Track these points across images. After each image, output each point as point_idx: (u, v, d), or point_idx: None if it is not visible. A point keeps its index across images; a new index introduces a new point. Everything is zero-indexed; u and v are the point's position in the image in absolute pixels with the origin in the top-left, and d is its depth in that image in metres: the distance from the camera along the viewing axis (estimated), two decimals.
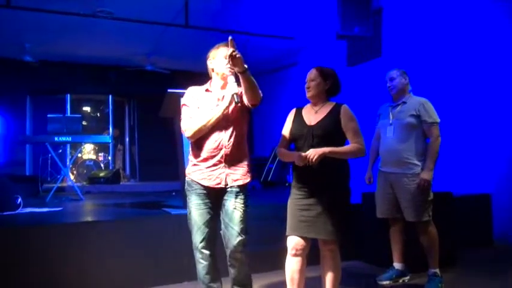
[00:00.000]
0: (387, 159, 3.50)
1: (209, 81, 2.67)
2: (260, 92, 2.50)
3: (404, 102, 3.49)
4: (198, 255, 2.56)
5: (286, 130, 2.78)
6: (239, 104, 2.48)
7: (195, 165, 2.59)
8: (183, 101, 2.64)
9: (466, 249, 4.34)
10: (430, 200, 3.36)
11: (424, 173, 3.30)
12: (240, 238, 2.49)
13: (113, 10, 6.73)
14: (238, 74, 2.39)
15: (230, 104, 2.49)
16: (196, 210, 2.55)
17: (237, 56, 2.30)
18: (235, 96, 2.42)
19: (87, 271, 3.28)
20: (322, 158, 2.48)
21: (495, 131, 4.99)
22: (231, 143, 2.53)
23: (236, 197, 2.53)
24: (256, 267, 2.64)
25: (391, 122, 3.49)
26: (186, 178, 2.63)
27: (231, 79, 2.47)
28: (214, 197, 2.56)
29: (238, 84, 2.46)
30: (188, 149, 3.60)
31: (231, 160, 2.54)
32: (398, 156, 3.40)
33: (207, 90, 2.64)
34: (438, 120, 3.38)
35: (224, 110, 2.50)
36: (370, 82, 6.65)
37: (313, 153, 2.47)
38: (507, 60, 4.90)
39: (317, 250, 2.67)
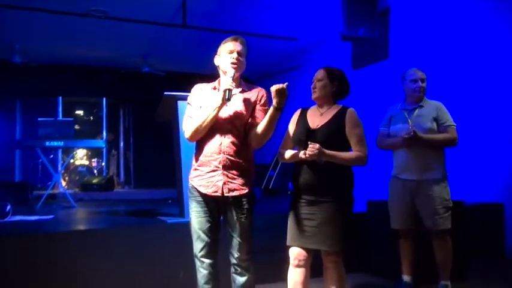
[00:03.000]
0: (407, 165, 3.47)
1: (218, 79, 2.65)
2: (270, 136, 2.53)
3: (421, 106, 3.50)
4: (198, 264, 2.56)
5: (290, 131, 2.79)
6: (230, 101, 2.44)
7: (195, 169, 2.59)
8: (188, 99, 2.64)
9: (477, 260, 4.32)
10: (450, 206, 3.39)
11: (416, 132, 3.31)
12: (243, 247, 2.50)
13: (108, 9, 6.76)
14: (273, 108, 2.43)
15: (223, 101, 2.43)
16: (196, 218, 2.55)
17: (285, 93, 2.39)
18: (227, 92, 2.40)
19: (79, 282, 3.27)
20: (322, 157, 2.48)
21: (508, 138, 4.99)
22: (232, 149, 2.50)
23: (237, 207, 2.51)
24: (257, 279, 2.63)
25: (410, 126, 3.46)
26: (189, 183, 2.63)
27: (229, 73, 2.49)
28: (214, 204, 2.55)
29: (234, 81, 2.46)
30: (186, 155, 3.64)
31: (230, 167, 2.50)
32: (420, 162, 3.40)
33: (214, 88, 2.62)
34: (455, 124, 3.45)
35: (219, 109, 2.45)
36: (377, 85, 6.66)
37: (317, 146, 2.46)
38: None
39: (321, 260, 2.67)
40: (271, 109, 2.45)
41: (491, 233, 4.84)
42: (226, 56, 2.55)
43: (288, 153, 2.70)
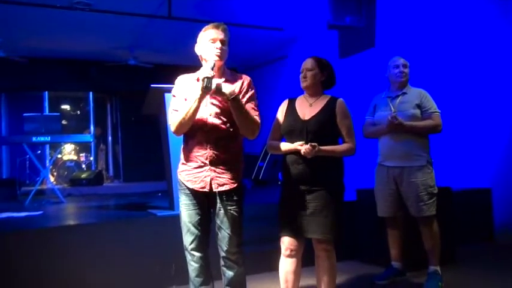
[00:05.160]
0: (391, 153, 3.47)
1: (200, 69, 2.55)
2: (255, 124, 2.45)
3: (405, 93, 3.50)
4: (188, 257, 2.53)
5: (277, 122, 2.78)
6: (209, 90, 2.31)
7: (183, 164, 2.55)
8: (172, 91, 2.57)
9: (466, 245, 4.38)
10: (435, 193, 3.40)
11: (400, 120, 3.32)
12: (233, 240, 2.47)
13: (91, 2, 6.67)
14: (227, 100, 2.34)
15: (202, 91, 2.31)
16: (186, 211, 2.51)
17: (215, 87, 2.28)
18: (205, 80, 2.28)
19: (69, 277, 3.25)
20: (319, 154, 2.50)
21: (494, 124, 5.03)
22: (219, 144, 2.45)
23: (227, 200, 2.47)
24: (249, 269, 2.63)
25: (393, 113, 3.46)
26: (178, 176, 2.59)
27: (209, 63, 2.39)
28: (203, 198, 2.51)
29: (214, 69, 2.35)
30: (175, 148, 3.62)
31: (217, 162, 2.45)
32: (403, 149, 3.40)
33: (197, 79, 2.50)
34: (439, 111, 3.45)
35: (199, 100, 2.34)
36: (364, 74, 6.67)
37: (312, 150, 2.47)
38: (505, 52, 4.94)
39: (313, 250, 2.68)
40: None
41: (480, 218, 4.90)
42: (208, 44, 2.45)
43: (284, 146, 2.68)
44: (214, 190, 2.45)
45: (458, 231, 4.21)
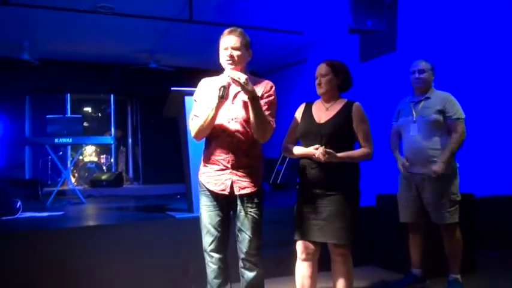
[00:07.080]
0: (413, 159, 3.44)
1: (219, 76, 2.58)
2: (269, 128, 2.46)
3: (428, 98, 3.46)
4: (207, 258, 2.55)
5: (293, 126, 2.79)
6: (225, 99, 2.38)
7: (204, 166, 2.58)
8: (194, 95, 2.60)
9: (489, 253, 4.31)
10: (458, 200, 3.35)
11: (436, 165, 3.28)
12: (253, 242, 2.48)
13: (114, 5, 6.77)
14: (247, 99, 2.36)
15: (218, 99, 2.36)
16: (206, 212, 2.53)
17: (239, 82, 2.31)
18: (221, 89, 2.34)
19: (89, 277, 3.30)
20: (333, 160, 2.50)
21: None
22: (241, 148, 2.47)
23: (248, 203, 2.49)
24: (266, 273, 2.63)
25: (414, 119, 3.44)
26: (199, 178, 2.62)
27: (226, 71, 2.43)
28: (223, 200, 2.53)
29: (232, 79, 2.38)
30: (194, 150, 3.66)
31: (239, 166, 2.48)
32: (425, 156, 3.37)
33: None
34: (464, 116, 3.38)
35: (216, 108, 2.38)
36: (384, 78, 6.63)
37: (326, 156, 2.47)
38: None
39: (329, 254, 2.67)
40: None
41: (503, 225, 4.81)
42: (222, 52, 2.51)
43: (297, 150, 2.69)
44: (235, 193, 2.47)
45: (481, 239, 4.14)
